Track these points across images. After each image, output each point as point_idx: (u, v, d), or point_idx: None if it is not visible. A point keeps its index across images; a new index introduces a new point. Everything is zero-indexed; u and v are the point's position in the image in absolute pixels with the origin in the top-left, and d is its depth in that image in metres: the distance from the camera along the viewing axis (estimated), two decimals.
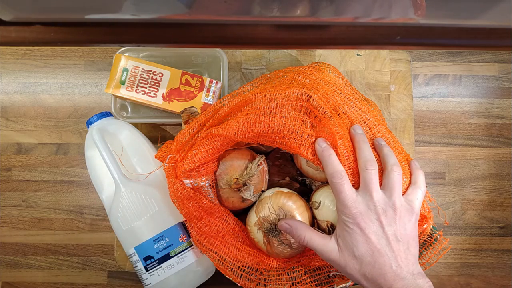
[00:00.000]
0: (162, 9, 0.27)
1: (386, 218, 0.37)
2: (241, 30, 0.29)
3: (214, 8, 0.27)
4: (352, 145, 0.40)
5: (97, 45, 0.59)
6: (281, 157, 0.51)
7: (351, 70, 0.59)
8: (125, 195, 0.46)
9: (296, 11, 0.27)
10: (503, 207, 0.60)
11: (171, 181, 0.45)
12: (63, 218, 0.59)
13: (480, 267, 0.59)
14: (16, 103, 0.60)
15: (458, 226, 0.60)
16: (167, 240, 0.46)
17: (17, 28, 0.28)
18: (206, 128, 0.44)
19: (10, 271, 0.58)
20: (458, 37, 0.29)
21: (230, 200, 0.46)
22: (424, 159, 0.60)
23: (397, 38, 0.29)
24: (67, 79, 0.61)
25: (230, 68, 0.58)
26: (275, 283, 0.43)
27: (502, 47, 0.30)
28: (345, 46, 0.41)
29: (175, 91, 0.52)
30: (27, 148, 0.60)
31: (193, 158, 0.43)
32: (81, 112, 0.60)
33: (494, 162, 0.61)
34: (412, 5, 0.26)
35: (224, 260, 0.44)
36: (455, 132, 0.61)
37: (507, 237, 0.59)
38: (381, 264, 0.36)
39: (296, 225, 0.40)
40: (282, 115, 0.40)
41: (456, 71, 0.62)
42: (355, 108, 0.43)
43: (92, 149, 0.50)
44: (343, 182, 0.38)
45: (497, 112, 0.61)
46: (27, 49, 0.61)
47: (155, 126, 0.58)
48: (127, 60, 0.52)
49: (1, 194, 0.59)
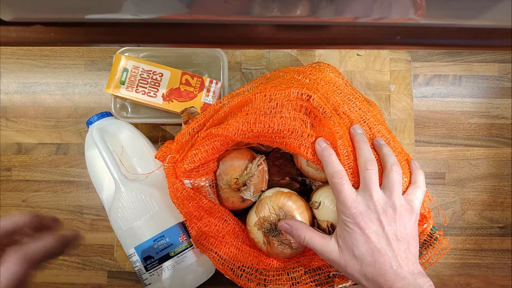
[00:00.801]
0: (162, 9, 0.27)
1: (386, 218, 0.37)
2: (241, 30, 0.29)
3: (214, 8, 0.27)
4: (352, 145, 0.40)
5: (97, 45, 0.59)
6: (281, 157, 0.51)
7: (351, 70, 0.59)
8: (125, 195, 0.46)
9: (296, 11, 0.27)
10: (503, 207, 0.60)
11: (171, 181, 0.45)
12: (63, 218, 0.59)
13: (480, 267, 0.59)
14: (16, 103, 0.60)
15: (458, 226, 0.60)
16: (167, 240, 0.46)
17: (17, 28, 0.28)
18: (206, 128, 0.44)
19: None
20: (458, 37, 0.29)
21: (230, 200, 0.46)
22: (424, 159, 0.60)
23: (397, 38, 0.29)
24: (67, 79, 0.61)
25: (230, 68, 0.58)
26: (275, 283, 0.43)
27: (502, 47, 0.30)
28: (345, 46, 0.41)
29: (175, 91, 0.52)
30: (27, 148, 0.60)
31: (193, 158, 0.43)
32: (81, 112, 0.60)
33: (494, 162, 0.61)
34: (412, 5, 0.26)
35: (224, 260, 0.44)
36: (455, 132, 0.61)
37: (507, 237, 0.59)
38: (382, 264, 0.36)
39: (296, 225, 0.40)
40: (282, 115, 0.40)
41: (456, 71, 0.62)
42: (355, 108, 0.43)
43: (92, 149, 0.50)
44: (343, 182, 0.38)
45: (497, 112, 0.61)
46: (27, 49, 0.61)
47: (155, 126, 0.58)
48: (127, 60, 0.52)
49: (1, 194, 0.59)
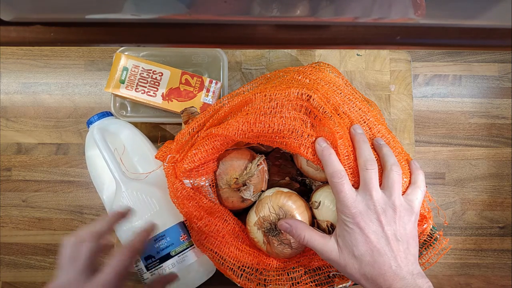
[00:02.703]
0: (162, 9, 0.27)
1: (385, 218, 0.37)
2: (241, 30, 0.29)
3: (214, 8, 0.27)
4: (352, 145, 0.40)
5: (97, 45, 0.58)
6: (281, 157, 0.51)
7: (351, 70, 0.59)
8: (126, 195, 0.46)
9: (296, 11, 0.27)
10: (503, 207, 0.60)
11: (171, 181, 0.45)
12: (63, 218, 0.59)
13: (480, 267, 0.59)
14: (16, 103, 0.60)
15: (458, 226, 0.60)
16: (168, 240, 0.46)
17: (17, 28, 0.28)
18: (206, 128, 0.44)
19: (10, 271, 0.58)
20: (458, 37, 0.29)
21: (230, 200, 0.46)
22: (424, 159, 0.60)
23: (397, 38, 0.29)
24: (67, 79, 0.61)
25: (230, 68, 0.58)
26: (275, 283, 0.43)
27: (502, 47, 0.30)
28: (345, 46, 0.41)
29: (174, 91, 0.52)
30: (27, 148, 0.60)
31: (193, 158, 0.43)
32: (81, 112, 0.60)
33: (494, 162, 0.61)
34: (412, 5, 0.26)
35: (224, 260, 0.44)
36: (455, 132, 0.61)
37: (507, 237, 0.59)
38: (381, 264, 0.36)
39: (296, 225, 0.40)
40: (282, 115, 0.40)
41: (456, 71, 0.62)
42: (355, 108, 0.43)
43: (93, 148, 0.50)
44: (343, 182, 0.38)
45: (497, 112, 0.61)
46: (27, 49, 0.61)
47: (155, 126, 0.58)
48: (127, 59, 0.52)
49: (1, 194, 0.59)
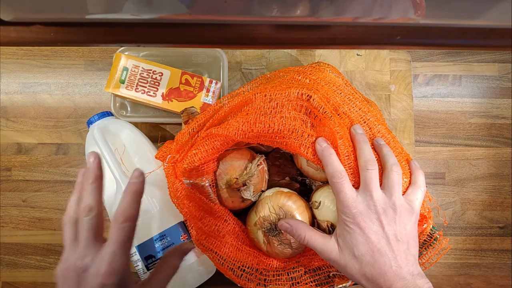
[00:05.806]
0: (162, 9, 0.27)
1: (386, 218, 0.37)
2: (241, 30, 0.29)
3: (214, 8, 0.27)
4: (353, 145, 0.40)
5: (97, 45, 0.59)
6: (281, 157, 0.51)
7: (351, 70, 0.59)
8: None
9: (296, 11, 0.27)
10: (503, 207, 0.60)
11: (171, 181, 0.45)
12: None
13: (480, 267, 0.59)
14: (16, 103, 0.60)
15: (458, 226, 0.60)
16: (168, 239, 0.46)
17: (17, 28, 0.28)
18: (206, 128, 0.44)
19: (10, 271, 0.58)
20: (458, 37, 0.29)
21: (230, 200, 0.46)
22: (424, 159, 0.60)
23: (397, 38, 0.29)
24: (67, 79, 0.61)
25: (230, 68, 0.58)
26: (275, 283, 0.43)
27: (502, 47, 0.30)
28: (345, 46, 0.41)
29: (174, 91, 0.52)
30: (27, 148, 0.60)
31: (193, 158, 0.43)
32: (81, 112, 0.60)
33: (494, 162, 0.60)
34: (412, 5, 0.26)
35: (224, 260, 0.44)
36: (455, 132, 0.61)
37: (507, 237, 0.59)
38: (381, 264, 0.36)
39: (296, 225, 0.40)
40: (282, 115, 0.40)
41: (456, 71, 0.62)
42: (355, 108, 0.43)
43: (93, 148, 0.50)
44: (343, 182, 0.38)
45: (497, 112, 0.61)
46: (27, 49, 0.61)
47: (155, 126, 0.58)
48: (127, 59, 0.52)
49: (1, 194, 0.59)
